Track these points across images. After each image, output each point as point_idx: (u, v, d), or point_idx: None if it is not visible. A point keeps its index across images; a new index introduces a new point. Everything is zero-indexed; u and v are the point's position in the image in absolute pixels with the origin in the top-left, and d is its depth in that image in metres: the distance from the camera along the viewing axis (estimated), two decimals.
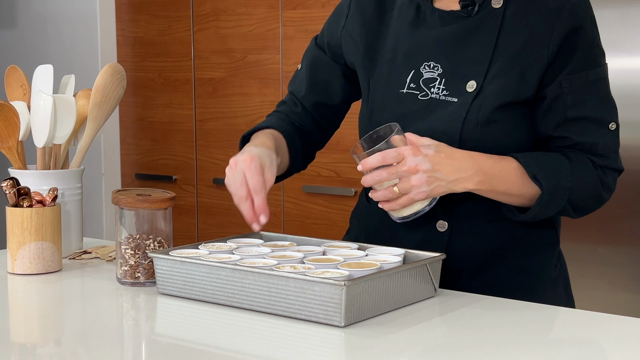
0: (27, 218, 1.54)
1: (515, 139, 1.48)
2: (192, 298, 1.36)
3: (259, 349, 1.17)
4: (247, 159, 1.39)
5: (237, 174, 1.40)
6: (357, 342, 1.18)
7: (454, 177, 1.39)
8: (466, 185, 1.41)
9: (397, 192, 1.38)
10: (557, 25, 1.44)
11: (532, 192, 1.45)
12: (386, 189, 1.39)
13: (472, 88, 1.46)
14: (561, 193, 1.44)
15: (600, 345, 1.20)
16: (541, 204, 1.44)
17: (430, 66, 1.50)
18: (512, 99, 1.45)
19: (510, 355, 1.13)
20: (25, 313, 1.40)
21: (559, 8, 1.44)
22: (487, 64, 1.46)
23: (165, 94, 3.59)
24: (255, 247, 1.47)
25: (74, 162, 1.74)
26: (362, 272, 1.28)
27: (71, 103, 1.71)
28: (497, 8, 1.47)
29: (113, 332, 1.27)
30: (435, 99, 1.49)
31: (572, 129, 1.47)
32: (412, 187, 1.37)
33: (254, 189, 1.38)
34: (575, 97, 1.46)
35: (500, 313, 1.32)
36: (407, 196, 1.38)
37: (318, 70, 1.67)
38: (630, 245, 2.53)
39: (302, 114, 1.67)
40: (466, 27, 1.48)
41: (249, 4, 3.31)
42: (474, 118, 1.45)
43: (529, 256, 1.54)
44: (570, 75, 1.45)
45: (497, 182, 1.42)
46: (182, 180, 3.56)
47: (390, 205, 1.41)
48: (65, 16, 3.69)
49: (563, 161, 1.46)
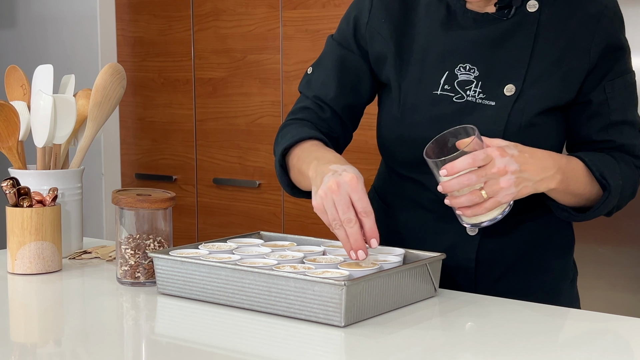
0: (27, 218, 1.54)
1: (551, 142, 1.48)
2: (192, 298, 1.36)
3: (259, 349, 1.17)
4: (353, 179, 1.30)
5: (341, 196, 1.29)
6: (357, 342, 1.18)
7: (539, 177, 1.35)
8: (549, 185, 1.38)
9: (484, 195, 1.31)
10: (598, 32, 1.45)
11: (594, 192, 1.45)
12: (472, 193, 1.30)
13: (510, 92, 1.45)
14: (617, 192, 1.46)
15: (600, 345, 1.20)
16: (605, 202, 1.45)
17: (466, 68, 1.48)
18: (555, 104, 1.46)
19: (510, 355, 1.13)
20: (25, 313, 1.40)
21: (598, 14, 1.46)
22: (526, 68, 1.45)
23: (165, 94, 3.59)
24: (255, 247, 1.46)
25: (74, 162, 1.74)
26: (362, 272, 1.28)
27: (71, 103, 1.71)
28: (532, 12, 1.46)
29: (113, 332, 1.27)
30: (472, 102, 1.46)
31: (613, 132, 1.49)
32: (501, 189, 1.31)
33: (365, 211, 1.29)
34: (617, 101, 1.48)
35: (501, 313, 1.32)
36: (494, 199, 1.32)
37: (346, 70, 1.58)
38: (630, 245, 2.53)
39: (330, 119, 1.58)
40: (502, 30, 1.47)
41: (249, 4, 3.31)
42: (516, 122, 1.44)
43: (551, 257, 1.55)
44: (613, 81, 1.47)
45: (571, 182, 1.41)
46: (182, 180, 3.56)
47: (475, 210, 1.32)
48: (65, 16, 3.69)
49: (614, 161, 1.47)
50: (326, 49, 1.62)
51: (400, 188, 1.58)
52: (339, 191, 1.29)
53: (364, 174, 1.33)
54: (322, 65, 1.60)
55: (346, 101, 1.58)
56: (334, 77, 1.58)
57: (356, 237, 1.28)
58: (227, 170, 3.43)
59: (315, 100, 1.58)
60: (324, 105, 1.58)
